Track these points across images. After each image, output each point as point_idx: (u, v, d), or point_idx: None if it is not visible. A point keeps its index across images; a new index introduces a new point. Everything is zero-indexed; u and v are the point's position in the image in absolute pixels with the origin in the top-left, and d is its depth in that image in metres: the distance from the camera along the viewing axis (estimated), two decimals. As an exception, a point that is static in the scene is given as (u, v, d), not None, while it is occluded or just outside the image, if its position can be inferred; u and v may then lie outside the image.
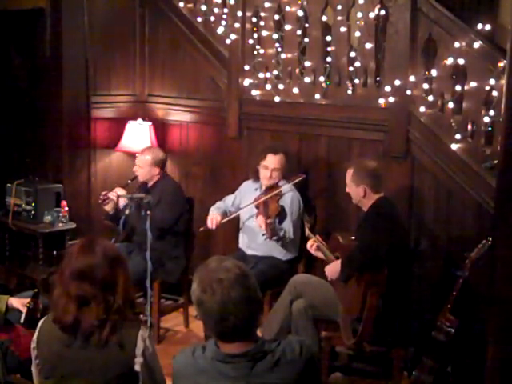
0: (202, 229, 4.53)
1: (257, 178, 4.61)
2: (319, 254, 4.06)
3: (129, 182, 4.82)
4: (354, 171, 3.90)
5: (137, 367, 2.39)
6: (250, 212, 4.54)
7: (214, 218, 4.51)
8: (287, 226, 4.41)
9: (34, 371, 2.51)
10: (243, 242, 4.69)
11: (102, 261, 2.38)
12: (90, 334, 2.36)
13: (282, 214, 4.42)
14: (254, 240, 4.56)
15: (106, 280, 2.38)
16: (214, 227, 4.51)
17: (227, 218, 4.53)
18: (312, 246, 4.06)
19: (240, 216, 4.65)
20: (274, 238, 4.30)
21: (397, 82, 4.22)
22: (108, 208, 4.71)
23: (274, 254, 4.50)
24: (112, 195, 4.65)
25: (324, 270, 3.90)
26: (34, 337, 2.49)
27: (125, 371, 2.39)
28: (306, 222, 4.32)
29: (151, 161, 4.74)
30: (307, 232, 4.20)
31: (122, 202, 4.68)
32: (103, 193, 4.70)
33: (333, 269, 3.80)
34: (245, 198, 4.63)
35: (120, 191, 4.65)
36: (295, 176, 4.50)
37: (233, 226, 4.84)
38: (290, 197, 4.48)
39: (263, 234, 4.35)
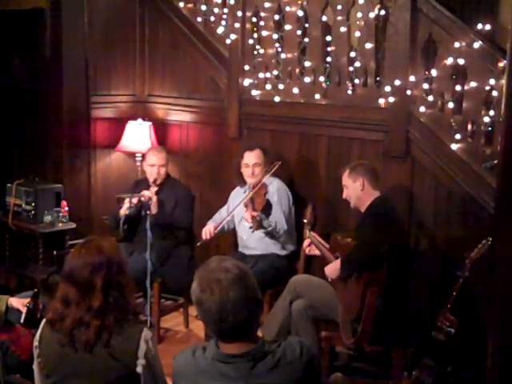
0: (199, 243, 4.52)
1: (243, 182, 4.63)
2: (316, 252, 4.08)
3: (151, 184, 4.66)
4: (350, 169, 3.94)
5: (139, 369, 2.39)
6: (241, 213, 4.54)
7: (207, 230, 4.52)
8: (278, 217, 4.43)
9: (36, 369, 2.51)
10: (240, 243, 4.70)
11: (83, 264, 2.40)
12: (78, 335, 2.37)
13: (268, 208, 4.44)
14: (250, 240, 4.58)
15: (85, 283, 2.39)
16: (208, 237, 4.50)
17: (220, 226, 4.52)
18: (307, 246, 4.10)
19: (234, 219, 4.66)
20: (262, 230, 4.37)
21: (397, 82, 4.22)
22: (124, 212, 4.51)
23: (272, 250, 4.52)
24: (143, 198, 4.45)
25: (323, 270, 3.91)
26: (37, 335, 2.50)
27: (127, 373, 2.39)
28: (306, 224, 4.32)
29: (167, 156, 4.76)
30: (307, 233, 4.20)
31: (127, 204, 4.58)
32: (134, 200, 4.48)
33: (332, 268, 3.80)
34: (235, 203, 4.62)
35: (148, 193, 4.49)
36: (272, 165, 4.48)
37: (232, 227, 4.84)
38: (276, 189, 4.51)
39: (250, 227, 4.38)
